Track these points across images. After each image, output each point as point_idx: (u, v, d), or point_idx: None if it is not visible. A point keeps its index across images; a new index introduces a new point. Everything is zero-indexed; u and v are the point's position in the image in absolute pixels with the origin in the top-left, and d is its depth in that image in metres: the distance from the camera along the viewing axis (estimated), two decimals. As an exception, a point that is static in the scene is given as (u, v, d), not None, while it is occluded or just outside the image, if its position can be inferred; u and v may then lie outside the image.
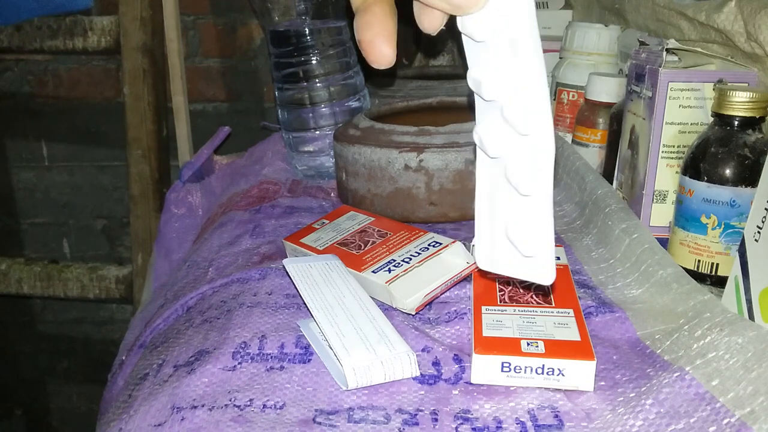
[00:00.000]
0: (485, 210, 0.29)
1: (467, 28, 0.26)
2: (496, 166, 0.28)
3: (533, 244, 0.28)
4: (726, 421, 0.32)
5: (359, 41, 0.27)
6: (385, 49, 0.27)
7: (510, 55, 0.26)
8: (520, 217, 0.28)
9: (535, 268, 0.28)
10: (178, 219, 0.87)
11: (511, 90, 0.27)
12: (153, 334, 0.52)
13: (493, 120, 0.27)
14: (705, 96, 0.53)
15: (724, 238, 0.48)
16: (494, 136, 0.28)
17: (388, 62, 0.27)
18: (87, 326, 1.35)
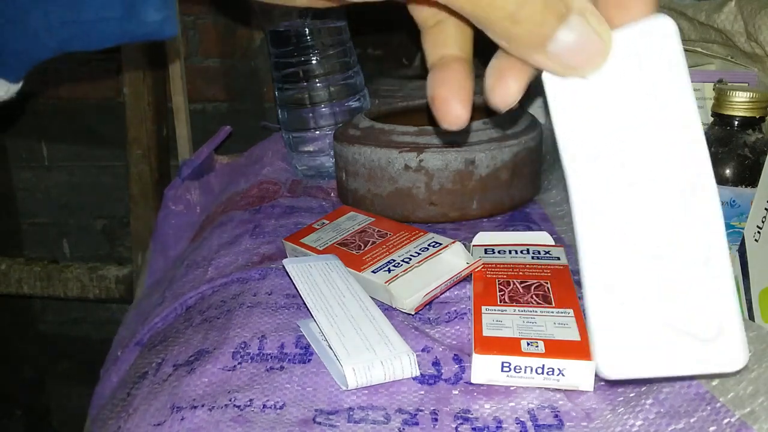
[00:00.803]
0: (615, 300, 0.22)
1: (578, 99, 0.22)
2: (629, 239, 0.22)
3: (714, 322, 0.22)
4: (726, 421, 0.32)
5: (432, 98, 0.24)
6: (461, 110, 0.24)
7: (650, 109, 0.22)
8: (697, 292, 0.22)
9: (717, 353, 0.22)
10: (175, 216, 0.87)
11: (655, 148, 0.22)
12: (151, 333, 0.52)
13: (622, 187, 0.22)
14: (705, 96, 0.53)
15: (724, 238, 0.48)
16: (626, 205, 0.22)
17: (460, 124, 0.24)
18: (87, 326, 1.35)
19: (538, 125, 0.65)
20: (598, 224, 0.22)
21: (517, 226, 0.59)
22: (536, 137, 0.63)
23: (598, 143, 0.22)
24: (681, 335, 0.22)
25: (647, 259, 0.22)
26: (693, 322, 0.22)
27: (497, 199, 0.60)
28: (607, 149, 0.22)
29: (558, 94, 0.22)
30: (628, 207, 0.22)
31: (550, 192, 0.67)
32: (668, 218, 0.22)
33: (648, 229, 0.22)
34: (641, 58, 0.22)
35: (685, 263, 0.22)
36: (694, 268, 0.22)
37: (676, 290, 0.22)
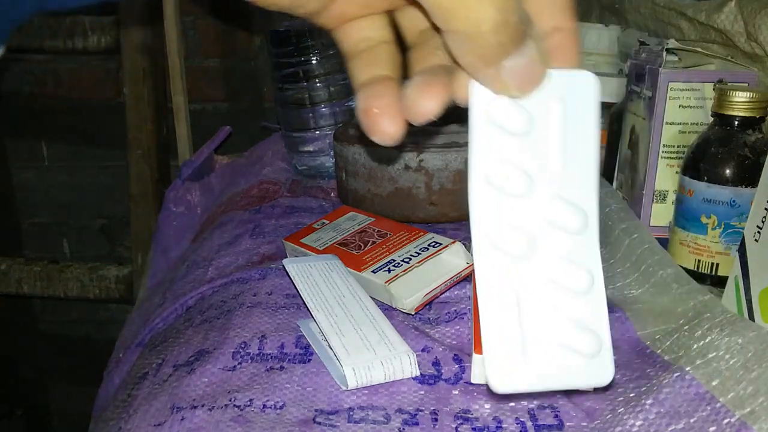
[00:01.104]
0: (508, 322, 0.24)
1: (497, 115, 0.23)
2: (524, 268, 0.24)
3: (596, 341, 0.24)
4: (726, 421, 0.32)
5: (364, 110, 0.24)
6: (392, 124, 0.24)
7: (559, 150, 0.24)
8: (578, 314, 0.24)
9: (591, 368, 0.24)
10: (176, 217, 0.87)
11: (556, 187, 0.24)
12: (152, 334, 0.52)
13: (521, 216, 0.24)
14: (705, 96, 0.53)
15: (724, 238, 0.48)
16: (523, 235, 0.24)
17: (393, 140, 0.24)
18: (87, 326, 1.35)
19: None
20: (496, 244, 0.24)
21: (517, 226, 0.59)
22: (536, 137, 0.63)
23: (505, 166, 0.24)
24: (568, 352, 0.24)
25: (541, 283, 0.24)
26: (578, 340, 0.24)
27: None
28: (512, 175, 0.24)
29: (483, 108, 0.23)
30: (526, 234, 0.24)
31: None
32: (561, 250, 0.24)
33: (542, 257, 0.24)
34: (563, 100, 0.24)
35: (573, 290, 0.24)
36: (580, 295, 0.24)
37: (564, 313, 0.24)
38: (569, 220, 0.24)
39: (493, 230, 0.24)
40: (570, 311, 0.24)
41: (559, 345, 0.24)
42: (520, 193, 0.24)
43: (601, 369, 0.24)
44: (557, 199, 0.24)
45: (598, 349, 0.24)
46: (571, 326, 0.24)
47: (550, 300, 0.24)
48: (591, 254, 0.25)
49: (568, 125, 0.24)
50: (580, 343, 0.24)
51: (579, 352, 0.24)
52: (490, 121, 0.23)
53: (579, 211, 0.24)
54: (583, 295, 0.24)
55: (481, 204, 0.24)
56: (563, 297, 0.24)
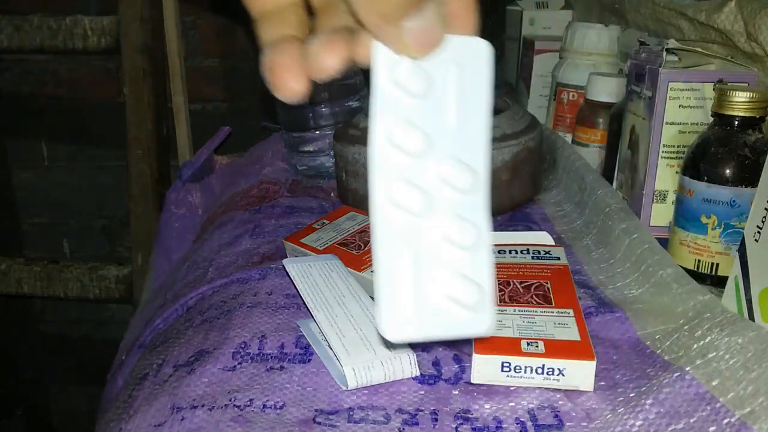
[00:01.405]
0: (401, 274, 0.25)
1: (399, 76, 0.24)
2: (418, 224, 0.26)
3: (480, 293, 0.26)
4: (726, 421, 0.32)
5: (270, 67, 0.24)
6: (296, 82, 0.24)
7: (455, 112, 0.25)
8: (465, 268, 0.26)
9: (475, 320, 0.26)
10: (178, 218, 0.87)
11: (451, 148, 0.25)
12: (153, 334, 0.52)
13: (419, 174, 0.25)
14: (705, 96, 0.53)
15: (724, 238, 0.48)
16: (420, 192, 0.25)
17: (298, 96, 0.24)
18: (87, 326, 1.35)
19: (538, 125, 0.65)
20: (395, 200, 0.25)
21: (517, 226, 0.59)
22: (536, 137, 0.63)
23: (406, 126, 0.25)
24: (454, 304, 0.26)
25: (434, 238, 0.26)
26: (464, 293, 0.26)
27: (497, 199, 0.60)
28: (412, 134, 0.25)
29: (385, 69, 0.24)
30: (422, 192, 0.25)
31: (550, 192, 0.67)
32: (453, 207, 0.26)
33: (436, 214, 0.26)
34: (459, 65, 0.25)
35: (462, 245, 0.26)
36: (467, 250, 0.26)
37: (453, 267, 0.26)
38: (462, 180, 0.26)
39: (393, 187, 0.25)
40: (458, 265, 0.26)
41: (447, 297, 0.26)
42: (419, 153, 0.25)
43: (482, 320, 0.26)
44: (452, 159, 0.25)
45: (481, 301, 0.26)
46: (458, 279, 0.26)
47: (441, 254, 0.26)
48: (479, 211, 0.26)
49: (463, 89, 0.25)
50: (465, 295, 0.26)
51: (464, 304, 0.26)
52: (393, 82, 0.24)
53: (471, 171, 0.26)
54: (470, 249, 0.26)
55: (382, 162, 0.25)
56: (453, 252, 0.26)
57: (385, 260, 0.25)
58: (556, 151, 0.71)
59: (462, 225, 0.26)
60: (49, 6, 1.14)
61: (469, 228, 0.26)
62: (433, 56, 0.24)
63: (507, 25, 1.02)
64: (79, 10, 1.13)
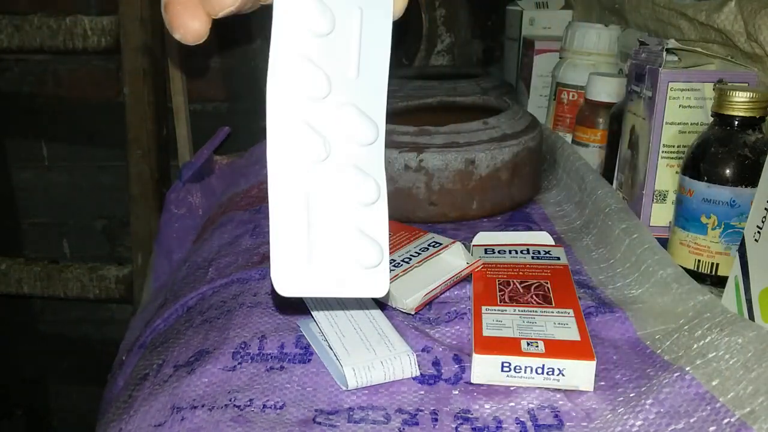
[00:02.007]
0: (296, 226, 0.24)
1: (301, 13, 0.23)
2: (316, 173, 0.24)
3: (378, 253, 0.25)
4: (726, 421, 0.32)
5: (165, 4, 0.22)
6: (194, 21, 0.22)
7: (356, 58, 0.24)
8: (363, 225, 0.25)
9: (370, 280, 0.25)
10: (178, 219, 0.87)
11: (351, 95, 0.24)
12: (153, 335, 0.52)
13: (317, 118, 0.24)
14: (705, 96, 0.53)
15: (724, 238, 0.48)
16: (317, 137, 0.24)
17: (197, 36, 0.22)
18: (87, 326, 1.35)
19: (538, 125, 0.65)
20: (290, 144, 0.23)
21: (517, 226, 0.59)
22: (536, 137, 0.63)
23: (306, 65, 0.23)
24: (350, 261, 0.24)
25: (331, 190, 0.24)
26: (361, 251, 0.24)
27: (497, 199, 0.60)
28: (311, 75, 0.23)
29: (287, 4, 0.23)
30: (320, 138, 0.24)
31: (550, 192, 0.67)
32: (351, 158, 0.24)
33: (334, 164, 0.24)
34: (362, 8, 0.24)
35: (360, 200, 0.25)
36: (366, 206, 0.25)
37: (350, 222, 0.24)
38: (361, 130, 0.24)
39: (289, 130, 0.23)
40: (356, 221, 0.25)
41: (343, 254, 0.24)
42: (318, 96, 0.24)
43: (378, 281, 0.25)
44: (351, 107, 0.24)
45: (378, 262, 0.25)
46: (356, 236, 0.25)
47: (339, 208, 0.24)
48: (378, 166, 0.25)
49: (364, 36, 0.24)
50: (362, 254, 0.24)
51: (360, 263, 0.25)
52: (294, 18, 0.23)
53: (370, 122, 0.24)
54: (369, 206, 0.25)
55: (279, 102, 0.23)
56: (351, 206, 0.25)
57: (278, 208, 0.23)
58: (556, 151, 0.71)
59: (361, 178, 0.24)
60: (49, 6, 1.14)
61: (368, 182, 0.24)
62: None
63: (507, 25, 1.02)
64: (79, 10, 1.13)
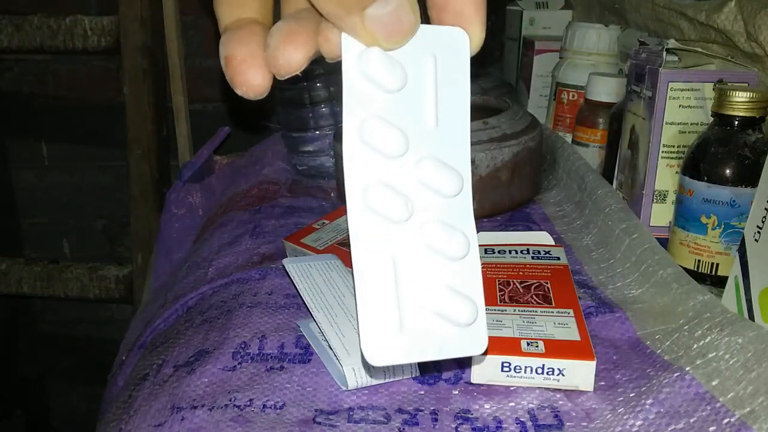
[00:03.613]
0: (384, 291, 0.23)
1: (370, 70, 0.22)
2: (400, 234, 0.23)
3: (472, 310, 0.24)
4: (726, 421, 0.32)
5: (227, 58, 0.22)
6: (258, 74, 0.21)
7: (432, 108, 0.23)
8: (454, 281, 0.24)
9: (468, 338, 0.24)
10: (178, 219, 0.87)
11: (430, 148, 0.23)
12: (153, 335, 0.52)
13: (396, 177, 0.23)
14: (705, 96, 0.53)
15: (724, 238, 0.48)
16: (399, 197, 0.23)
17: (260, 93, 0.22)
18: (87, 326, 1.35)
19: (538, 125, 0.65)
20: (371, 206, 0.23)
21: (517, 226, 0.59)
22: (536, 137, 0.63)
23: (380, 123, 0.23)
24: (443, 321, 0.23)
25: (417, 248, 0.23)
26: (454, 308, 0.23)
27: (497, 199, 0.60)
28: (386, 133, 0.23)
29: (354, 62, 0.22)
30: (402, 196, 0.23)
31: (550, 192, 0.67)
32: (436, 213, 0.24)
33: (418, 221, 0.23)
34: (435, 56, 0.23)
35: (449, 255, 0.24)
36: (455, 261, 0.24)
37: (440, 280, 0.23)
38: (444, 182, 0.23)
39: (369, 191, 0.23)
40: (445, 278, 0.24)
41: (435, 313, 0.23)
42: (395, 153, 0.23)
43: (476, 338, 0.24)
44: (432, 160, 0.23)
45: (474, 318, 0.24)
46: (447, 293, 0.24)
47: (426, 266, 0.23)
48: (466, 218, 0.24)
49: (441, 83, 0.23)
50: (455, 312, 0.23)
51: (454, 321, 0.24)
52: (363, 76, 0.22)
53: (454, 172, 0.24)
54: (458, 260, 0.24)
55: (356, 164, 0.23)
56: (439, 263, 0.24)
57: (364, 273, 0.23)
58: (556, 151, 0.71)
59: (447, 233, 0.24)
60: (49, 6, 1.14)
61: (455, 236, 0.24)
62: (406, 47, 0.22)
63: (507, 25, 1.02)
64: (79, 10, 1.13)
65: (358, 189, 0.23)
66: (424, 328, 0.23)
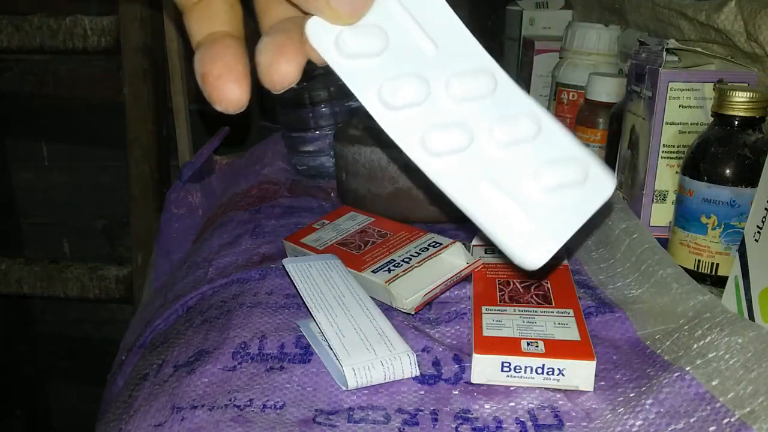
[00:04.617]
0: (498, 205, 0.23)
1: (351, 46, 0.22)
2: (471, 150, 0.23)
3: (579, 164, 0.24)
4: (726, 421, 0.32)
5: (203, 75, 0.22)
6: (238, 90, 0.21)
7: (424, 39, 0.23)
8: (548, 154, 0.24)
9: (594, 187, 0.24)
10: (178, 219, 0.87)
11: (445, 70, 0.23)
12: (153, 335, 0.52)
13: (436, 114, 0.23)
14: (705, 96, 0.53)
15: (724, 238, 0.48)
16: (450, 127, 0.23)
17: (239, 106, 0.22)
18: (87, 326, 1.35)
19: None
20: (436, 151, 0.23)
21: (517, 226, 0.59)
22: (536, 137, 0.63)
23: (391, 84, 0.23)
24: (564, 191, 0.24)
25: (499, 153, 0.24)
26: (564, 175, 0.24)
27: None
28: (402, 87, 0.23)
29: (331, 44, 0.22)
30: (454, 125, 0.23)
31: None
32: (492, 115, 0.24)
33: (483, 132, 0.24)
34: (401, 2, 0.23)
35: (528, 137, 0.24)
36: (536, 137, 0.24)
37: (536, 164, 0.24)
38: (478, 86, 0.23)
39: (426, 143, 0.23)
40: (539, 156, 0.24)
41: (552, 190, 0.24)
42: (422, 97, 0.23)
43: (601, 182, 0.24)
44: (454, 77, 0.23)
45: (586, 169, 0.24)
46: (549, 167, 0.24)
47: (516, 160, 0.24)
48: (517, 98, 0.24)
49: (415, 13, 0.23)
50: (566, 176, 0.24)
51: (572, 184, 0.24)
52: (349, 57, 0.23)
53: (478, 72, 0.24)
54: (537, 135, 0.24)
55: (399, 130, 0.23)
56: (524, 149, 0.24)
57: (471, 204, 0.23)
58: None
59: (511, 123, 0.24)
60: (49, 6, 1.14)
61: (520, 120, 0.24)
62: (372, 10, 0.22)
63: (507, 25, 1.02)
64: (79, 10, 1.13)
65: (416, 148, 0.23)
66: (554, 208, 0.24)
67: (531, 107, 0.24)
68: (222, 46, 0.22)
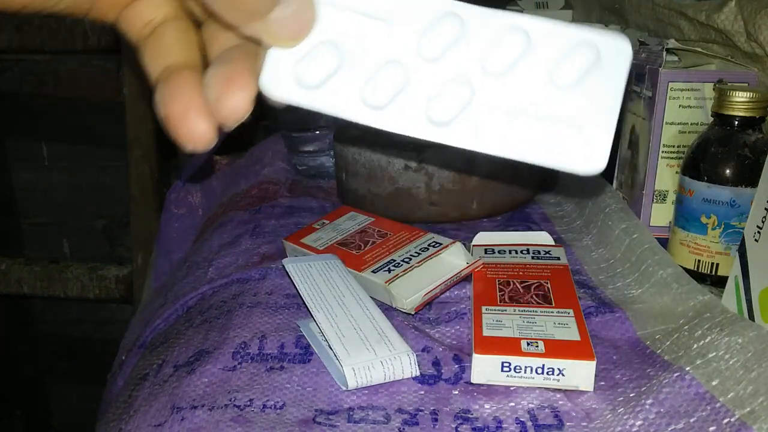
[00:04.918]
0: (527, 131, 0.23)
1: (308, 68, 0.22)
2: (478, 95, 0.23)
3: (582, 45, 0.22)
4: (726, 421, 0.32)
5: (165, 117, 0.20)
6: (203, 125, 0.20)
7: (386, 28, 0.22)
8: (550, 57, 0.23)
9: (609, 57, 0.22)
10: (178, 219, 0.87)
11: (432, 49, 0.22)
12: (153, 335, 0.52)
13: (426, 85, 0.22)
14: (705, 96, 0.53)
15: (724, 238, 0.48)
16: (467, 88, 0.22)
17: (206, 143, 0.21)
18: (87, 326, 1.35)
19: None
20: (439, 122, 0.22)
21: (517, 226, 0.59)
22: (536, 137, 0.63)
23: (369, 86, 0.22)
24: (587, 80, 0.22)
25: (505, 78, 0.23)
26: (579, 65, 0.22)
27: (497, 199, 0.60)
28: (379, 88, 0.22)
29: (288, 71, 0.22)
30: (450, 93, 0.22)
31: (550, 192, 0.67)
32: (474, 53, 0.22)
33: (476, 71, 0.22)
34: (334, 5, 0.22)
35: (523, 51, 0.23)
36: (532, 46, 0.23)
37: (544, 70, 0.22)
38: (447, 32, 0.22)
39: (432, 118, 0.22)
40: (543, 62, 0.23)
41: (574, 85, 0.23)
42: (404, 78, 0.22)
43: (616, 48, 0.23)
44: (422, 36, 0.22)
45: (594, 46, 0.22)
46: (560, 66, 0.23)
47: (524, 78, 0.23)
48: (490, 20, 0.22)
49: (351, 3, 0.22)
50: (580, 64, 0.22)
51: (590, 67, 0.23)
52: (314, 85, 0.22)
53: (442, 18, 0.22)
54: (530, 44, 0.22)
55: (398, 122, 0.22)
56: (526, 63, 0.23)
57: (511, 147, 0.22)
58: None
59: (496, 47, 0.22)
60: (49, 6, 1.14)
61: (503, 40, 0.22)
62: None
63: (507, 25, 1.02)
64: (79, 10, 1.13)
65: (429, 128, 0.22)
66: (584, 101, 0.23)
67: (507, 21, 0.22)
68: (178, 81, 0.21)
